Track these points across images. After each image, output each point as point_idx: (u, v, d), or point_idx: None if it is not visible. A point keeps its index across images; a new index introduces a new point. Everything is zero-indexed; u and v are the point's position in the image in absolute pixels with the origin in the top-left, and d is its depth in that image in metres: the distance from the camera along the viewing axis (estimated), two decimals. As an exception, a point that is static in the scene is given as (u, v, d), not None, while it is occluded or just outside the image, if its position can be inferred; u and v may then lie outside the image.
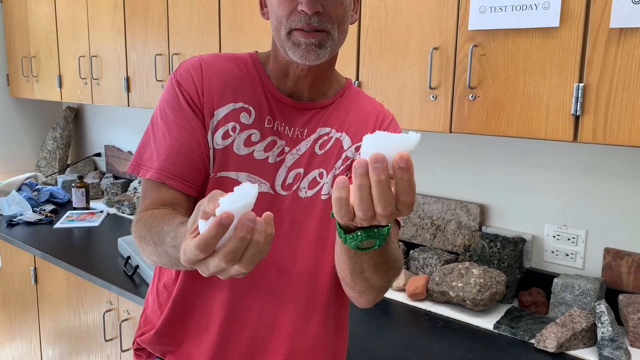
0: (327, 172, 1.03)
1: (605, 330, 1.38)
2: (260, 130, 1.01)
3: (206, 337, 1.04)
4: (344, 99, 1.07)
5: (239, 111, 1.01)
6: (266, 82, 1.03)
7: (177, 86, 1.00)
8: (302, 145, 1.02)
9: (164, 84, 2.26)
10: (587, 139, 1.29)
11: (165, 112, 0.99)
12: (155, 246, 0.86)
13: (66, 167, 3.38)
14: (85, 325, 2.14)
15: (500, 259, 1.72)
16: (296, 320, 1.05)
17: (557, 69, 1.32)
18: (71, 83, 2.81)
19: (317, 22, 0.90)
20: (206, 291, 1.03)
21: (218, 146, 0.99)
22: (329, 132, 1.04)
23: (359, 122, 1.06)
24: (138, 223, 0.93)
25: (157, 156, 0.97)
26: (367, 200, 0.62)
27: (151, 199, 0.97)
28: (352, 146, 1.04)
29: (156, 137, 0.99)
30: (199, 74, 1.00)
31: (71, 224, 2.57)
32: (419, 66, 1.54)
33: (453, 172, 1.91)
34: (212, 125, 0.99)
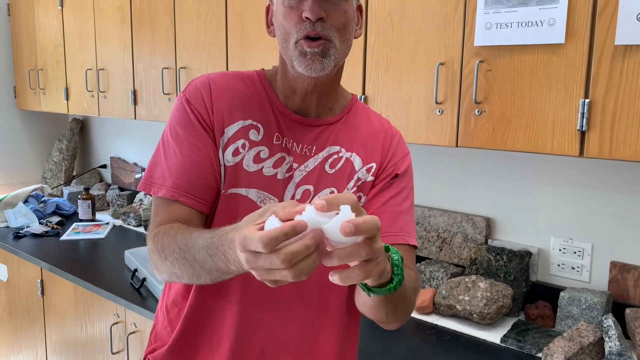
0: (338, 191, 1.04)
1: (612, 345, 1.39)
2: (269, 147, 1.02)
3: (218, 353, 1.05)
4: (351, 115, 1.09)
5: (248, 128, 1.02)
6: (274, 99, 1.04)
7: (187, 104, 1.01)
8: (310, 162, 1.04)
9: (171, 97, 2.28)
10: (594, 154, 1.30)
11: (175, 130, 1.01)
12: (182, 252, 0.86)
13: (72, 179, 3.40)
14: (91, 338, 2.15)
15: (507, 272, 1.72)
16: (305, 336, 1.06)
17: (562, 84, 1.33)
18: (78, 95, 2.84)
19: (320, 28, 0.93)
20: (217, 307, 1.04)
21: (229, 163, 1.01)
22: (338, 151, 1.05)
23: (368, 140, 1.08)
24: (157, 235, 0.93)
25: (170, 174, 0.98)
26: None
27: (163, 215, 0.97)
28: (364, 167, 1.06)
29: (167, 155, 1.00)
30: (208, 93, 1.02)
31: (77, 236, 2.58)
32: (425, 81, 1.55)
33: (459, 185, 1.92)
34: (222, 142, 1.01)
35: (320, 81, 0.99)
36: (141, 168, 3.13)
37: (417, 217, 1.99)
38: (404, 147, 1.11)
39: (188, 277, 0.88)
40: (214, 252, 0.78)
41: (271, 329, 1.04)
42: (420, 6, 1.53)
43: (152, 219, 1.00)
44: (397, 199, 1.05)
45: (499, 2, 1.38)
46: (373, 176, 1.06)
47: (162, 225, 0.95)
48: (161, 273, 0.95)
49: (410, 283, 0.93)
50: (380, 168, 1.07)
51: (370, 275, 0.69)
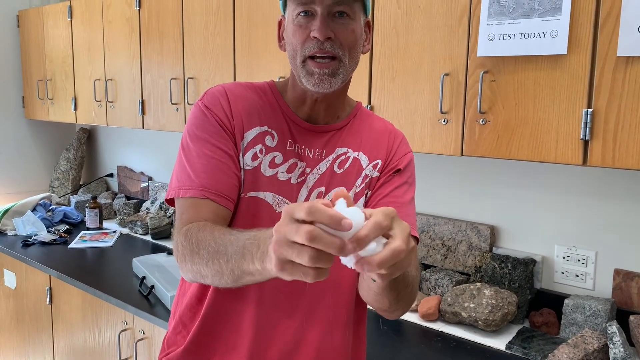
0: (348, 190, 1.08)
1: (617, 351, 1.40)
2: (283, 153, 1.06)
3: (235, 354, 1.07)
4: (356, 120, 1.13)
5: (265, 134, 1.06)
6: (285, 108, 1.08)
7: (207, 110, 1.04)
8: (322, 165, 1.08)
9: (179, 107, 2.31)
10: (597, 163, 1.33)
11: (195, 135, 1.03)
12: (217, 246, 0.85)
13: (79, 188, 3.43)
14: (100, 345, 2.17)
15: (511, 279, 1.74)
16: (322, 334, 1.09)
17: (566, 95, 1.36)
18: (86, 105, 2.87)
19: (329, 48, 0.96)
20: (234, 308, 1.07)
21: (248, 167, 1.04)
22: (346, 152, 1.10)
23: (374, 140, 1.12)
24: (190, 230, 0.93)
25: (196, 175, 1.00)
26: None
27: (190, 214, 0.98)
28: (370, 164, 1.11)
29: (190, 159, 1.02)
30: (225, 99, 1.06)
31: (85, 244, 2.61)
32: (430, 91, 1.58)
33: (463, 194, 1.95)
34: (242, 146, 1.04)
35: (329, 94, 1.04)
36: (147, 177, 3.16)
37: (422, 226, 2.01)
38: (406, 147, 1.16)
39: (212, 276, 0.89)
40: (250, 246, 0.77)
41: (289, 329, 1.07)
42: (426, 18, 1.57)
43: (177, 220, 1.02)
44: (398, 192, 1.09)
45: (502, 13, 1.41)
46: (378, 172, 1.11)
47: (191, 223, 0.96)
48: (186, 272, 0.96)
49: (412, 271, 0.96)
50: (384, 164, 1.11)
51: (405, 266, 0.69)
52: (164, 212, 2.81)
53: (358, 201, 1.09)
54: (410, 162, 1.14)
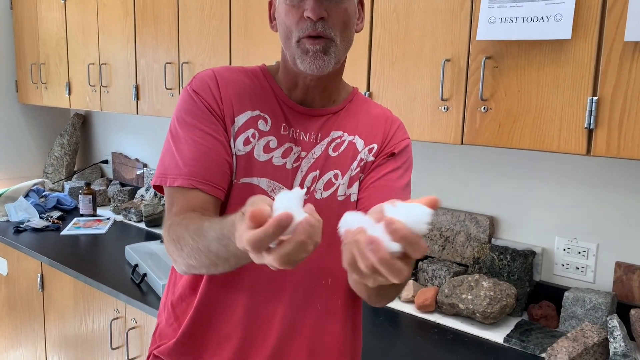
0: (343, 173, 1.05)
1: (617, 346, 1.37)
2: (277, 137, 1.03)
3: (228, 345, 1.05)
4: (353, 104, 1.10)
5: (257, 118, 1.03)
6: (278, 92, 1.05)
7: (195, 95, 1.01)
8: (317, 149, 1.05)
9: (173, 92, 2.27)
10: (601, 153, 1.29)
11: (184, 120, 1.00)
12: (195, 243, 0.85)
13: (73, 174, 3.39)
14: (91, 333, 2.14)
15: (510, 271, 1.71)
16: (317, 322, 1.07)
17: (570, 82, 1.32)
18: (80, 90, 2.82)
19: (321, 28, 0.93)
20: (229, 298, 1.04)
21: (240, 152, 1.01)
22: (341, 135, 1.07)
23: (370, 124, 1.09)
24: (171, 227, 0.93)
25: (184, 163, 0.97)
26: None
27: (179, 205, 0.96)
28: (366, 148, 1.08)
29: (178, 145, 0.99)
30: (215, 84, 1.02)
31: (78, 231, 2.57)
32: (430, 77, 1.54)
33: (463, 183, 1.91)
34: (233, 131, 1.01)
35: (323, 77, 1.00)
36: (142, 164, 3.12)
37: (420, 215, 1.97)
38: (404, 133, 1.13)
39: (206, 267, 0.88)
40: (227, 242, 0.77)
41: (285, 319, 1.04)
42: (427, 1, 1.52)
43: (167, 211, 0.99)
44: (392, 175, 1.06)
45: (506, -2, 1.36)
46: (374, 156, 1.08)
47: (177, 216, 0.94)
48: (179, 265, 0.94)
49: None
50: (380, 149, 1.08)
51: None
52: (159, 200, 2.77)
53: (352, 185, 1.06)
54: (406, 148, 1.11)
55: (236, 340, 1.04)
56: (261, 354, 1.05)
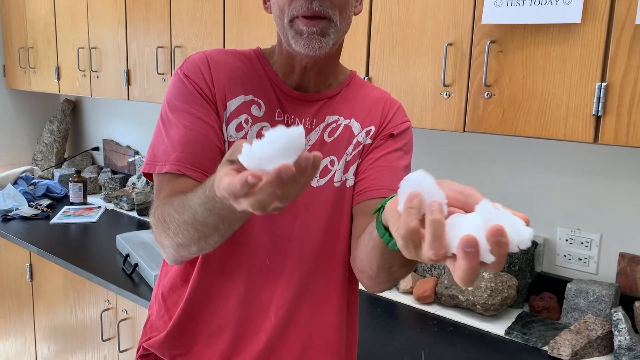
0: (338, 159, 1.01)
1: (622, 339, 1.34)
2: (272, 123, 0.98)
3: (221, 337, 1.01)
4: (350, 88, 1.05)
5: (250, 104, 0.98)
6: (272, 77, 1.00)
7: (186, 79, 0.96)
8: (312, 136, 1.00)
9: (165, 77, 2.20)
10: (609, 141, 1.25)
11: (174, 105, 0.96)
12: (181, 216, 0.81)
13: (63, 161, 3.32)
14: (81, 324, 2.09)
15: (511, 262, 1.67)
16: (312, 312, 1.03)
17: (578, 67, 1.27)
18: (69, 75, 2.75)
19: (318, 7, 0.88)
20: (222, 288, 1.00)
21: (232, 139, 0.97)
22: (337, 120, 1.02)
23: (367, 107, 1.04)
24: (156, 210, 0.89)
25: (173, 149, 0.93)
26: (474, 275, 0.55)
27: (166, 192, 0.92)
28: (362, 131, 1.03)
29: (169, 131, 0.94)
30: (206, 67, 0.97)
31: (68, 220, 2.51)
32: (432, 62, 1.48)
33: (463, 172, 1.86)
34: (225, 117, 0.97)
35: (319, 59, 0.95)
36: (134, 151, 3.05)
37: (418, 205, 1.92)
38: (403, 116, 1.07)
39: (196, 242, 0.83)
40: (212, 204, 0.74)
41: (279, 310, 1.01)
42: (429, -17, 1.46)
43: (155, 198, 0.95)
44: (391, 157, 1.01)
45: (512, -21, 1.31)
46: (371, 139, 1.03)
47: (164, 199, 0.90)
48: (167, 250, 0.90)
49: None
50: (378, 131, 1.03)
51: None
52: (151, 188, 2.72)
53: (348, 170, 1.01)
54: (406, 131, 1.05)
55: (229, 332, 1.01)
56: (255, 346, 1.01)
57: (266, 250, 0.99)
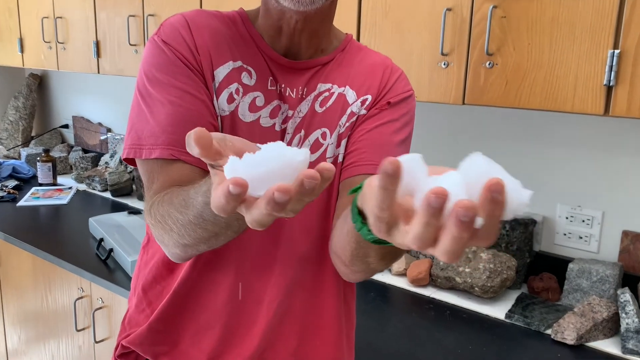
0: (331, 131, 0.89)
1: (630, 321, 1.28)
2: (264, 93, 0.87)
3: (209, 333, 0.92)
4: (345, 53, 0.93)
5: (240, 70, 0.86)
6: (259, 41, 0.88)
7: (165, 46, 0.83)
8: (303, 106, 0.89)
9: (138, 49, 2.05)
10: (621, 113, 1.16)
11: (155, 77, 0.82)
12: (185, 216, 0.69)
13: (30, 140, 3.15)
14: (53, 313, 1.97)
15: (509, 241, 1.60)
16: (308, 301, 0.95)
17: (588, 33, 1.18)
18: (34, 47, 2.57)
19: None
20: (214, 279, 0.91)
21: (224, 112, 0.85)
22: (330, 88, 0.90)
23: (364, 74, 0.92)
24: (153, 207, 0.76)
25: (161, 130, 0.80)
26: (429, 238, 0.43)
27: (160, 182, 0.80)
28: (358, 100, 0.90)
29: (152, 109, 0.81)
30: (187, 30, 0.84)
31: (37, 202, 2.37)
32: (429, 29, 1.38)
33: (460, 147, 1.77)
34: (214, 88, 0.84)
35: (310, 17, 0.83)
36: (106, 128, 2.90)
37: (410, 182, 1.83)
38: (405, 84, 0.94)
39: (205, 242, 0.72)
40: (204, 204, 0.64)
41: (273, 302, 0.92)
42: (426, -58, 1.35)
43: (146, 190, 0.82)
44: (385, 129, 0.89)
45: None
46: (366, 110, 0.90)
47: (159, 194, 0.78)
48: (171, 249, 0.78)
49: None
50: (375, 100, 0.91)
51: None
52: (125, 167, 2.57)
53: (341, 144, 0.89)
54: (407, 100, 0.93)
55: (219, 328, 0.91)
56: (248, 341, 0.92)
57: (257, 238, 0.89)
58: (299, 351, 0.95)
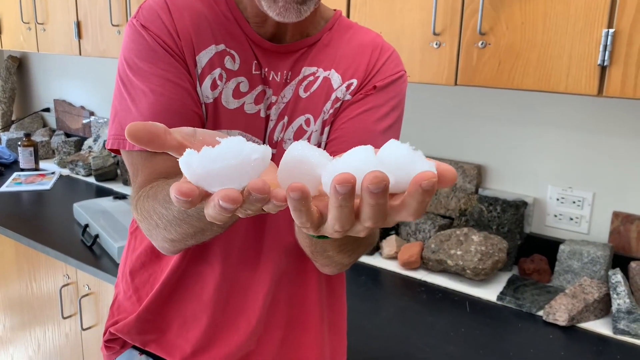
0: (315, 118, 0.85)
1: (621, 302, 1.28)
2: (249, 78, 0.83)
3: (195, 325, 0.91)
4: (333, 33, 0.88)
5: (223, 54, 0.82)
6: (243, 24, 0.84)
7: (144, 30, 0.79)
8: (287, 91, 0.85)
9: (121, 29, 2.00)
10: (614, 93, 1.15)
11: (136, 64, 0.79)
12: (169, 212, 0.67)
13: (11, 124, 3.07)
14: (39, 302, 1.93)
15: (500, 223, 1.59)
16: (291, 292, 0.94)
17: (582, 12, 1.16)
18: (12, 28, 2.49)
19: None
20: (201, 271, 0.90)
21: (208, 100, 0.81)
22: (315, 72, 0.86)
23: (351, 55, 0.87)
24: (139, 203, 0.74)
25: (143, 120, 0.75)
26: (349, 217, 0.44)
27: (145, 174, 0.77)
28: (343, 85, 0.86)
29: (134, 98, 0.78)
30: (167, 13, 0.80)
31: (19, 187, 2.31)
32: (420, 8, 1.35)
33: (448, 129, 1.76)
34: (197, 74, 0.81)
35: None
36: (89, 112, 2.83)
37: (400, 165, 1.82)
38: (395, 65, 0.89)
39: (192, 237, 0.70)
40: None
41: (259, 295, 0.90)
42: None
43: (132, 182, 0.80)
44: (369, 115, 0.84)
45: None
46: (351, 95, 0.86)
47: (144, 187, 0.75)
48: (159, 242, 0.76)
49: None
50: (360, 84, 0.86)
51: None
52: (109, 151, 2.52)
53: (324, 131, 0.86)
54: (395, 82, 0.88)
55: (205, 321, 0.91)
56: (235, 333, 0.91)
57: (242, 230, 0.87)
58: (284, 342, 0.95)
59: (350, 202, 0.42)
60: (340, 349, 1.03)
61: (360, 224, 0.45)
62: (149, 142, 0.45)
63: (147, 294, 0.93)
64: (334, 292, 1.00)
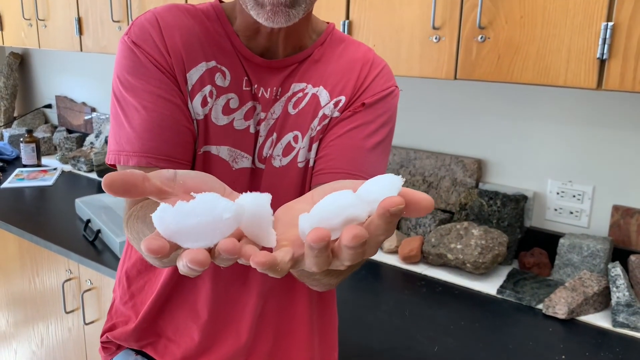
0: (303, 134, 0.85)
1: (621, 295, 1.28)
2: (239, 95, 0.83)
3: (187, 333, 0.93)
4: (324, 48, 0.87)
5: (213, 71, 0.82)
6: (234, 40, 0.83)
7: (136, 47, 0.79)
8: (276, 108, 0.85)
9: (122, 25, 2.00)
10: (614, 87, 1.15)
11: (128, 81, 0.79)
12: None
13: (13, 120, 3.08)
14: (41, 295, 1.94)
15: (500, 217, 1.59)
16: (280, 304, 0.95)
17: (582, 5, 1.16)
18: (14, 25, 2.50)
19: None
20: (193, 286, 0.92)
21: (199, 116, 0.82)
22: (304, 88, 0.85)
23: (341, 71, 0.86)
24: (129, 222, 0.75)
25: (137, 137, 0.78)
26: (325, 262, 0.45)
27: None
28: (331, 102, 0.85)
29: (127, 114, 0.79)
30: (157, 31, 0.80)
31: (21, 183, 2.32)
32: (420, 2, 1.35)
33: (449, 124, 1.76)
34: (187, 91, 0.81)
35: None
36: (91, 108, 2.84)
37: (400, 160, 1.82)
38: (386, 80, 0.87)
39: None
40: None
41: (247, 306, 0.92)
42: None
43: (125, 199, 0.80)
44: (359, 132, 0.83)
45: None
46: (340, 112, 0.85)
47: (135, 205, 0.76)
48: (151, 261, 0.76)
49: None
50: (349, 102, 0.85)
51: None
52: (111, 147, 2.53)
53: (312, 148, 0.85)
54: (384, 99, 0.86)
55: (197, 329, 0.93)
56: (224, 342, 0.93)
57: None
58: (274, 353, 0.96)
59: (326, 252, 0.43)
60: (331, 358, 1.04)
61: (339, 262, 0.45)
62: (126, 192, 0.44)
63: (142, 301, 0.95)
64: (324, 302, 1.01)
